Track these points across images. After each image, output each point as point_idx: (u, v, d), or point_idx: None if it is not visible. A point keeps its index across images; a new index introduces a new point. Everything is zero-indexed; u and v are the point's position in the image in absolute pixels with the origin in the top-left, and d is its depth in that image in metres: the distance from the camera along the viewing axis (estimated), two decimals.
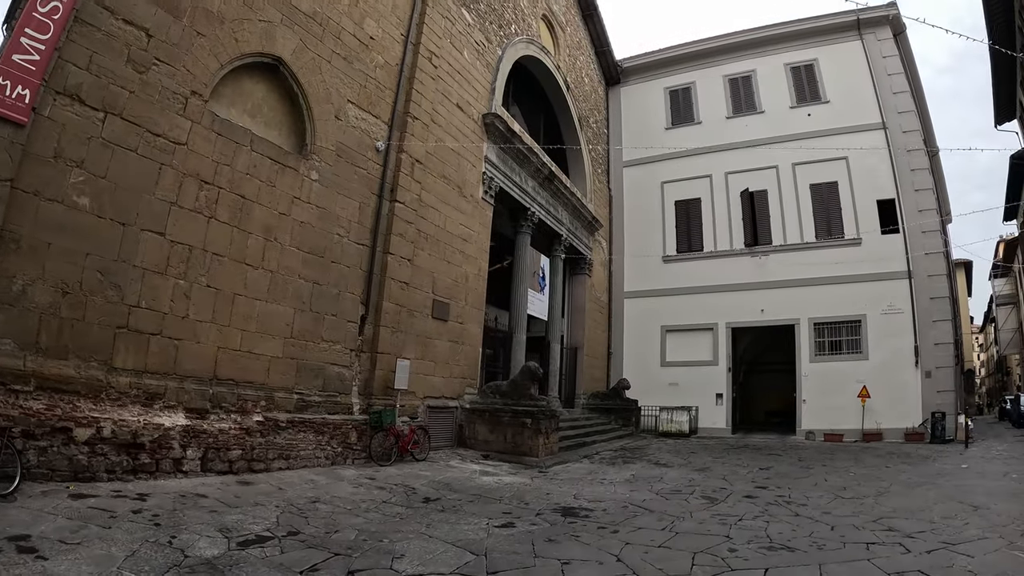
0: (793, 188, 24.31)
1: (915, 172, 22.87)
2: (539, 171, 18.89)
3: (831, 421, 21.44)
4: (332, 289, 11.54)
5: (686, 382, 24.09)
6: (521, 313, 17.92)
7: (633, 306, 26.45)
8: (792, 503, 8.79)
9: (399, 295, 12.80)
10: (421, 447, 12.38)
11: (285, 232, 10.68)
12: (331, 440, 10.97)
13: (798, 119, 25.06)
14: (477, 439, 14.01)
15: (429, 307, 13.82)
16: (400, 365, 12.30)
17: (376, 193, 12.71)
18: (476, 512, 7.90)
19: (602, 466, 13.24)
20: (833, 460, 14.62)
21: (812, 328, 22.93)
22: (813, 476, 11.71)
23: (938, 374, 21.11)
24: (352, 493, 8.61)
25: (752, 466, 13.32)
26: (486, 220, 16.41)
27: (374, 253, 12.45)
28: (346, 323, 11.82)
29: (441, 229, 14.41)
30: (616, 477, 11.53)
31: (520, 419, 13.39)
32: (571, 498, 9.14)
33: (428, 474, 10.84)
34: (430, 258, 13.96)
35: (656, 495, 9.49)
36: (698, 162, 26.29)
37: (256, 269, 10.14)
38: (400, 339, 12.76)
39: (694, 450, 17.15)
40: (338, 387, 11.60)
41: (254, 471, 9.19)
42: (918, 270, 21.88)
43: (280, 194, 10.62)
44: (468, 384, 15.03)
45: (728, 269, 24.59)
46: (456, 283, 14.85)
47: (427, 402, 13.51)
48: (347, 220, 11.97)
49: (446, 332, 14.36)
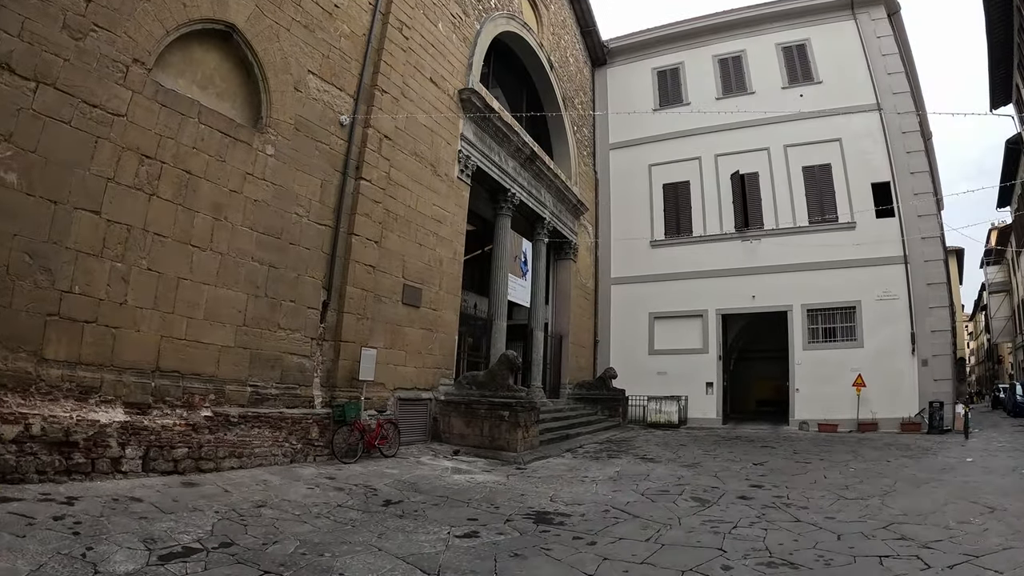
0: (785, 170, 23.56)
1: (911, 154, 22.16)
2: (520, 151, 17.97)
3: (825, 411, 20.75)
4: (290, 273, 10.61)
5: (675, 371, 23.33)
6: (501, 299, 17.02)
7: (620, 292, 25.62)
8: (791, 505, 7.93)
9: (365, 279, 11.87)
10: (390, 442, 11.53)
11: (236, 211, 9.77)
12: (289, 436, 10.13)
13: (790, 100, 24.25)
14: (452, 433, 13.14)
15: (399, 292, 12.89)
16: (365, 354, 11.39)
17: (340, 170, 11.77)
18: (439, 518, 7.05)
19: (585, 461, 12.38)
20: (830, 453, 13.82)
21: (805, 314, 22.20)
22: (811, 472, 10.87)
23: (935, 362, 20.45)
24: (305, 496, 7.80)
25: (745, 461, 12.48)
26: (462, 201, 15.48)
27: (337, 234, 11.51)
28: (306, 309, 10.89)
29: (412, 209, 13.49)
30: (599, 474, 10.65)
31: (497, 411, 12.52)
32: (547, 500, 8.25)
33: (395, 472, 10.00)
34: (400, 240, 13.04)
35: (641, 496, 8.60)
36: (687, 144, 25.53)
37: (203, 251, 9.23)
38: (366, 327, 11.84)
39: (684, 442, 16.32)
40: (297, 379, 10.68)
41: (202, 471, 8.46)
42: (914, 255, 21.21)
43: (231, 170, 9.71)
44: (443, 375, 14.14)
45: (718, 254, 23.82)
46: (429, 267, 13.92)
47: (398, 394, 12.62)
48: (307, 199, 11.04)
49: (418, 319, 13.45)
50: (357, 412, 10.78)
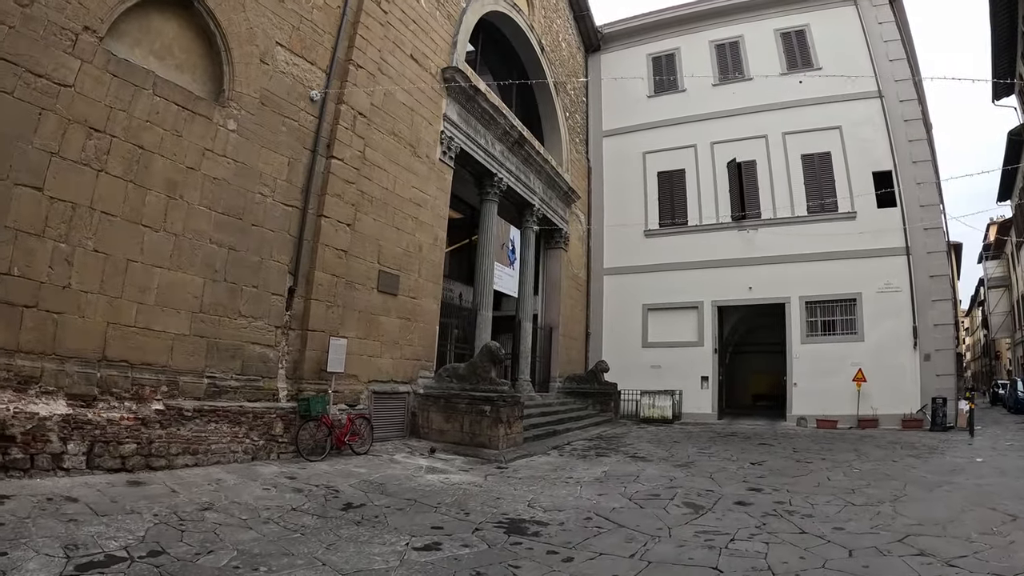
0: (784, 159, 22.77)
1: (913, 143, 21.42)
2: (507, 134, 17.16)
3: (824, 406, 20.05)
4: (252, 256, 9.83)
5: (669, 364, 22.60)
6: (486, 288, 16.23)
7: (613, 283, 24.82)
8: (794, 513, 7.14)
9: (335, 264, 11.07)
10: (362, 439, 10.78)
11: (193, 189, 9.01)
12: (250, 432, 9.38)
13: (789, 87, 23.46)
14: (431, 429, 12.37)
15: (374, 279, 12.10)
16: (334, 344, 10.60)
17: (309, 148, 10.98)
18: (400, 526, 6.31)
19: (571, 460, 11.60)
20: (832, 452, 13.08)
21: (804, 307, 21.46)
22: (814, 473, 10.09)
23: (937, 357, 19.76)
24: (259, 497, 7.08)
25: (742, 460, 11.71)
26: (444, 184, 14.67)
27: (305, 216, 10.71)
28: (270, 296, 10.10)
29: (389, 192, 12.69)
30: (585, 475, 9.86)
31: (478, 406, 11.74)
32: (524, 506, 7.47)
33: (363, 471, 9.26)
34: (375, 224, 12.24)
35: (629, 501, 7.80)
36: (682, 131, 24.72)
37: (156, 231, 8.49)
38: (337, 315, 11.04)
39: (677, 439, 15.56)
40: (260, 370, 9.91)
41: (152, 468, 7.79)
42: (916, 246, 20.47)
43: (188, 145, 8.96)
44: (423, 367, 13.35)
45: (714, 244, 23.03)
46: (408, 253, 13.12)
47: (372, 387, 11.84)
48: (272, 177, 10.25)
49: (395, 308, 12.65)
50: (324, 406, 10.00)
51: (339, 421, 10.48)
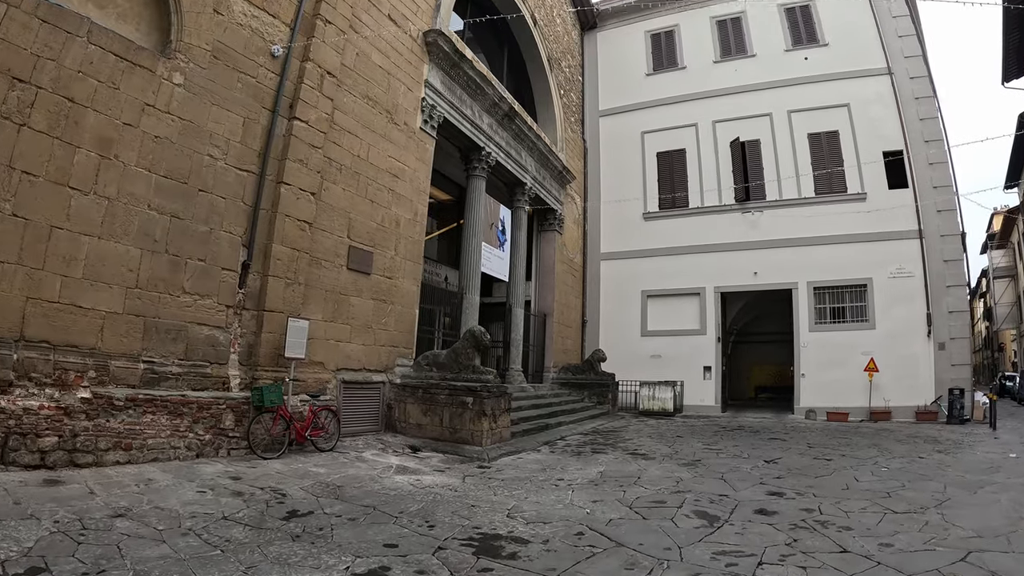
0: (789, 138, 21.56)
1: (924, 122, 20.22)
2: (496, 106, 15.90)
3: (834, 398, 18.92)
4: (199, 226, 8.61)
5: (670, 354, 21.42)
6: (473, 270, 14.98)
7: (610, 269, 23.56)
8: (828, 524, 5.88)
9: (297, 238, 9.83)
10: (327, 434, 9.61)
11: (130, 148, 7.82)
12: (195, 425, 8.21)
13: (794, 63, 22.30)
14: (408, 422, 11.16)
15: (343, 255, 10.86)
16: (293, 327, 9.36)
17: (269, 108, 9.75)
18: (346, 542, 5.13)
19: (564, 457, 10.35)
20: (851, 447, 11.89)
21: (812, 293, 20.28)
22: (838, 473, 8.86)
23: (952, 346, 18.62)
24: (188, 502, 5.97)
25: (755, 457, 10.49)
26: (425, 155, 13.41)
27: (262, 182, 9.48)
28: (220, 271, 8.88)
29: (362, 160, 11.45)
30: (578, 476, 8.62)
31: (459, 397, 10.53)
32: (503, 516, 6.21)
33: (322, 471, 8.07)
34: (345, 194, 11.00)
35: (629, 509, 6.54)
36: (683, 110, 23.48)
37: (86, 195, 7.33)
38: (298, 294, 9.80)
39: (680, 433, 14.34)
40: (208, 355, 8.70)
41: (78, 465, 6.77)
42: (929, 229, 19.32)
43: (126, 100, 7.79)
44: (401, 354, 12.12)
45: (717, 227, 21.81)
46: (383, 228, 11.87)
47: (341, 376, 10.62)
48: (224, 138, 9.03)
49: (368, 288, 11.40)
50: (279, 396, 8.78)
51: (300, 413, 9.31)
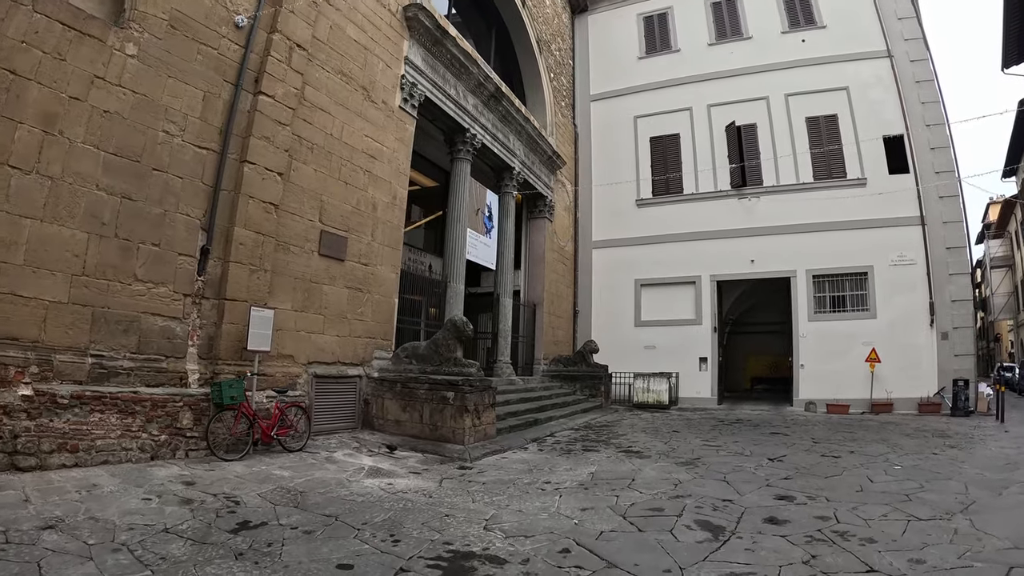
0: (787, 122, 20.85)
1: (926, 105, 19.56)
2: (482, 86, 15.12)
3: (834, 389, 18.31)
4: (153, 208, 7.86)
5: (665, 345, 20.72)
6: (457, 258, 14.23)
7: (603, 257, 22.80)
8: (848, 535, 5.14)
9: (262, 221, 9.06)
10: (296, 433, 8.90)
11: (77, 124, 7.11)
12: (148, 424, 7.46)
13: (791, 46, 21.60)
14: (387, 419, 10.43)
15: (314, 240, 10.09)
16: (256, 316, 8.59)
17: (232, 82, 8.97)
18: (295, 560, 4.49)
19: (552, 456, 9.61)
20: (857, 442, 11.22)
21: (811, 281, 19.61)
22: (849, 472, 8.14)
23: (956, 336, 18.01)
24: (130, 511, 5.33)
25: (758, 455, 9.76)
26: (405, 135, 12.63)
27: (223, 161, 8.71)
28: (176, 256, 8.12)
29: (335, 139, 10.68)
30: (567, 478, 7.88)
31: (439, 392, 9.79)
32: (479, 529, 5.45)
33: (286, 474, 7.36)
34: (317, 175, 10.23)
35: (622, 519, 5.79)
36: (677, 94, 22.70)
37: (28, 174, 6.63)
38: (263, 281, 9.04)
39: (676, 428, 13.65)
40: (163, 348, 7.94)
41: (20, 469, 6.18)
42: (932, 215, 18.69)
43: (73, 72, 7.09)
44: (379, 346, 11.37)
45: (712, 214, 21.07)
46: (359, 211, 11.10)
47: (313, 369, 9.88)
48: (181, 114, 8.26)
49: (342, 275, 10.64)
50: (240, 392, 8.03)
51: (266, 411, 8.59)
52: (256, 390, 8.64)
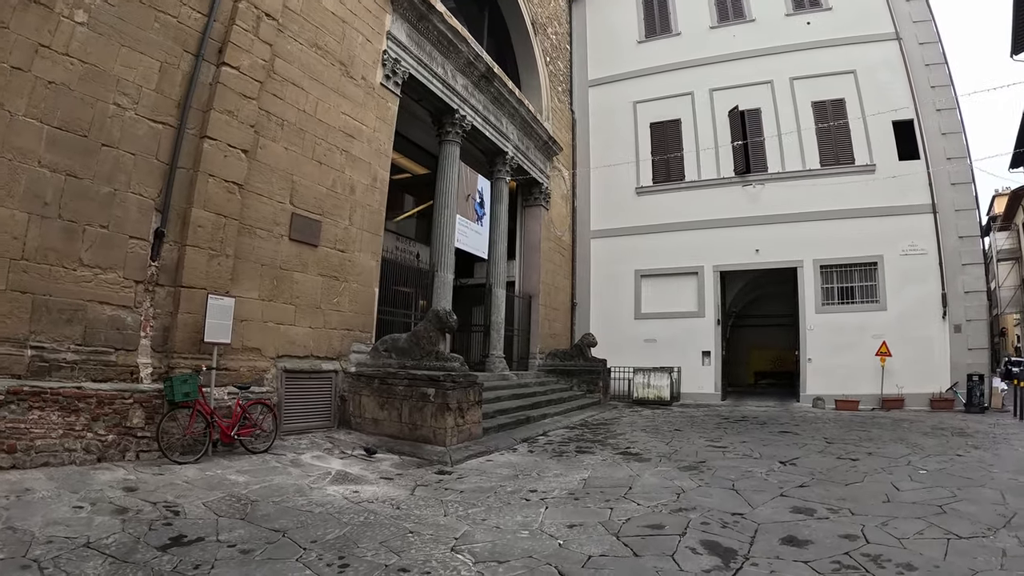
0: (792, 106, 20.04)
1: (936, 89, 18.75)
2: (472, 65, 14.28)
3: (842, 384, 17.54)
4: (101, 186, 7.06)
5: (666, 338, 19.96)
6: (445, 245, 13.42)
7: (601, 247, 21.98)
8: (882, 560, 4.27)
9: (225, 202, 8.25)
10: (263, 433, 8.12)
11: (19, 95, 6.37)
12: (94, 423, 6.69)
13: (796, 28, 20.79)
14: (364, 418, 9.64)
15: (284, 224, 9.28)
16: (215, 306, 7.78)
17: (193, 52, 8.15)
18: None
19: (543, 459, 8.79)
20: (873, 442, 10.42)
21: (818, 271, 18.82)
22: (870, 478, 7.31)
23: (969, 328, 17.25)
24: (53, 522, 4.70)
25: (768, 457, 8.93)
26: (387, 114, 11.78)
27: (181, 136, 7.90)
28: (127, 240, 7.32)
29: (308, 116, 9.86)
30: (555, 485, 7.05)
31: (419, 389, 8.99)
32: (446, 550, 4.60)
33: (242, 480, 6.61)
34: (288, 154, 9.42)
35: (615, 540, 4.92)
36: (677, 78, 21.88)
37: None
38: (225, 267, 8.24)
39: (678, 426, 12.84)
40: (112, 339, 7.15)
41: None
42: (943, 203, 17.92)
43: (16, 40, 6.37)
44: (357, 339, 10.56)
45: (715, 202, 20.26)
46: (334, 193, 10.28)
47: (282, 364, 9.07)
48: (136, 85, 7.45)
49: (316, 262, 9.83)
50: (194, 388, 7.23)
51: (227, 409, 7.80)
52: (216, 386, 7.88)
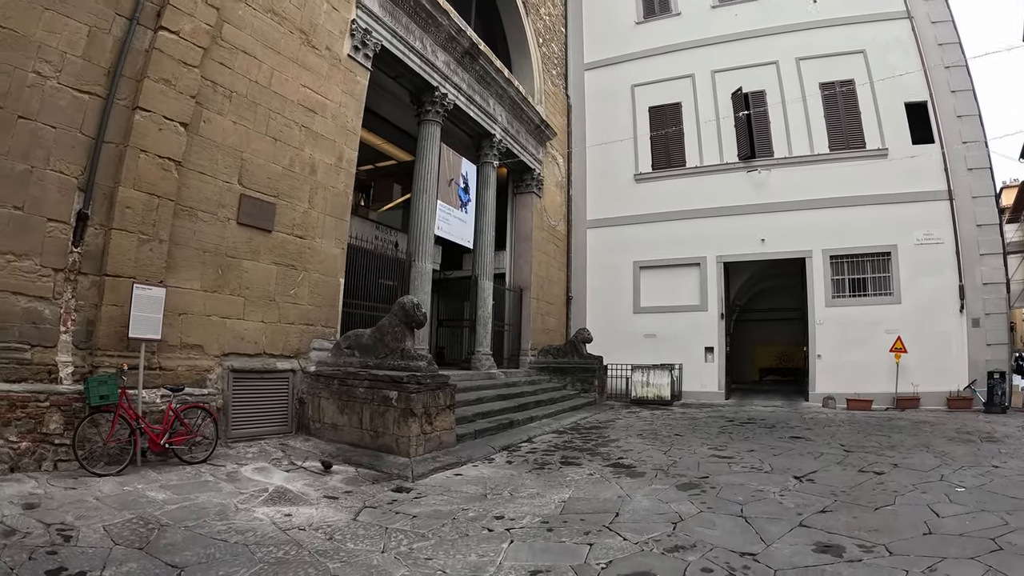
0: (799, 88, 18.86)
1: (950, 70, 17.60)
2: (454, 40, 13.19)
3: (854, 383, 16.43)
4: (15, 163, 6.10)
5: (667, 333, 18.92)
6: (423, 233, 12.37)
7: (598, 237, 20.89)
8: None
9: (159, 180, 7.21)
10: (202, 440, 7.13)
11: None
12: (4, 428, 5.80)
13: (801, 7, 19.59)
14: (323, 423, 8.59)
15: (232, 206, 8.22)
16: (142, 296, 6.71)
17: (127, 15, 7.12)
18: None
19: (520, 473, 7.66)
20: (895, 449, 9.29)
21: (828, 262, 17.73)
22: (902, 498, 6.16)
23: (988, 323, 16.22)
24: None
25: (780, 470, 7.75)
26: (356, 89, 10.69)
27: (109, 107, 6.87)
28: (45, 222, 6.31)
29: (263, 88, 8.80)
30: (527, 510, 5.91)
31: (381, 391, 7.93)
32: None
33: (161, 498, 5.63)
34: (237, 129, 8.36)
35: None
36: (678, 60, 20.78)
37: None
38: (158, 253, 7.19)
39: (679, 430, 11.73)
40: (27, 334, 6.18)
41: None
42: (960, 189, 16.82)
43: None
44: (319, 335, 9.51)
45: (718, 189, 19.15)
46: (292, 173, 9.21)
47: (229, 362, 8.03)
48: (59, 51, 6.49)
49: (269, 249, 8.76)
50: (114, 390, 6.24)
51: (160, 413, 6.78)
52: (148, 388, 6.89)
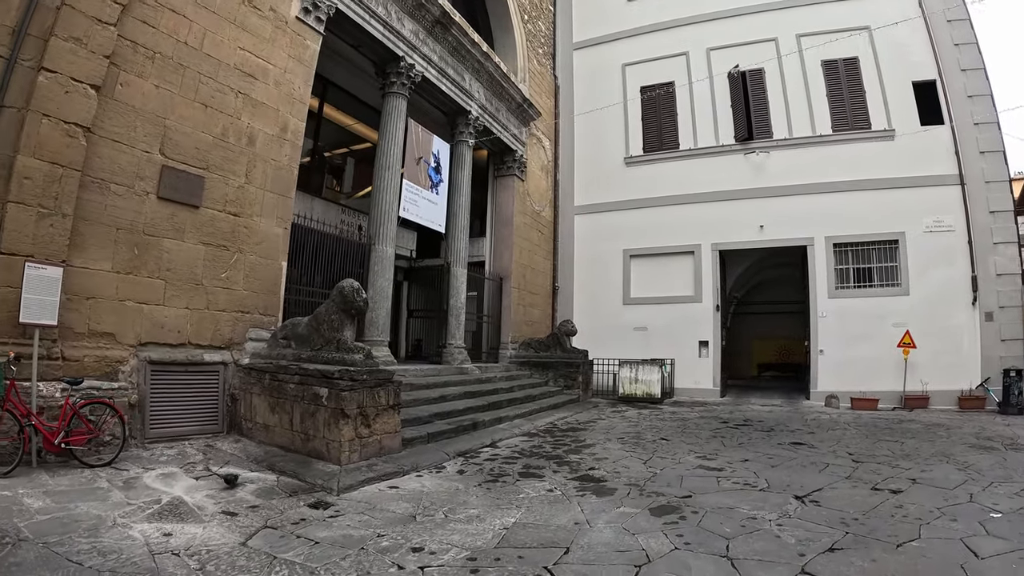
0: (799, 66, 17.83)
1: (960, 47, 16.60)
2: (423, 8, 12.12)
3: (859, 380, 15.44)
4: None
5: (658, 326, 17.98)
6: (385, 214, 11.37)
7: (586, 224, 19.90)
8: None
9: (64, 148, 6.28)
10: (106, 440, 6.28)
11: None
12: None
13: None
14: (255, 422, 7.64)
15: (152, 178, 7.25)
16: (35, 277, 5.81)
17: None
18: None
19: (468, 486, 6.54)
20: (909, 457, 8.21)
21: (832, 251, 16.71)
22: (928, 528, 4.95)
23: (1002, 316, 15.13)
24: None
25: (778, 487, 6.56)
26: (304, 54, 9.64)
27: (11, 68, 6.03)
28: None
29: (193, 50, 7.82)
30: (459, 538, 4.76)
31: (311, 388, 6.95)
32: None
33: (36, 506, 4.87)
34: (159, 94, 7.38)
35: None
36: (670, 37, 19.76)
37: None
38: (60, 229, 6.24)
39: (666, 434, 10.67)
40: None
41: None
42: (971, 173, 15.80)
43: None
44: (257, 324, 8.52)
45: (714, 172, 18.13)
46: (225, 143, 8.20)
47: (147, 353, 7.08)
48: None
49: (196, 228, 7.77)
50: None
51: (44, 408, 5.85)
52: (47, 380, 5.99)
